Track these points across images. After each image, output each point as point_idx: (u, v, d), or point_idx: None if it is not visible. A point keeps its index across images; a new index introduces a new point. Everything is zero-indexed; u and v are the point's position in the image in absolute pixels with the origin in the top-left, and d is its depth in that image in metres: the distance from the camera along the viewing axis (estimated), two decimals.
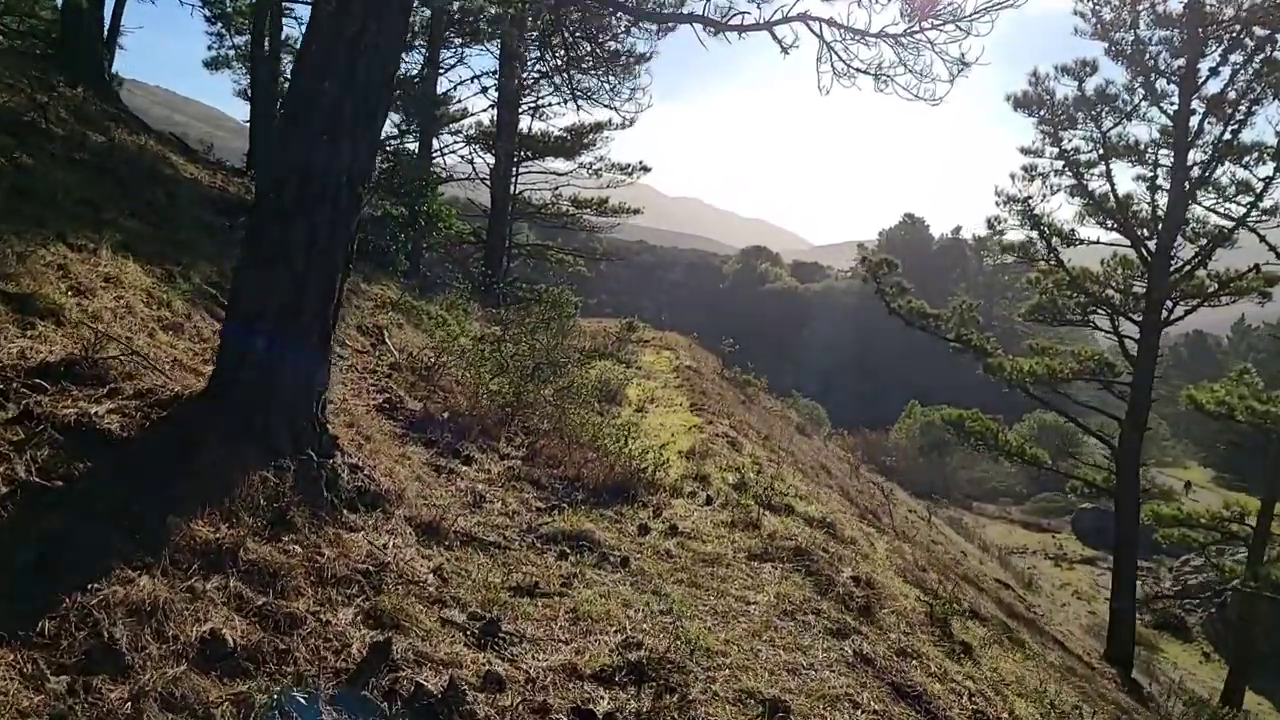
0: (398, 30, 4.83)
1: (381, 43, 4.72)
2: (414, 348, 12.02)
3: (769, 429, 16.62)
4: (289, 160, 4.65)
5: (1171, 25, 15.73)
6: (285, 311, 4.78)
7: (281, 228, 4.68)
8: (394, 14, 4.73)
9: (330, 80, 4.60)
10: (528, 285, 27.17)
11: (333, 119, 4.62)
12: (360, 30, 4.60)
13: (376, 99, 4.78)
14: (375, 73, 4.72)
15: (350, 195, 4.78)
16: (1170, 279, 16.10)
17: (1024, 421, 48.74)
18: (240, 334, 4.82)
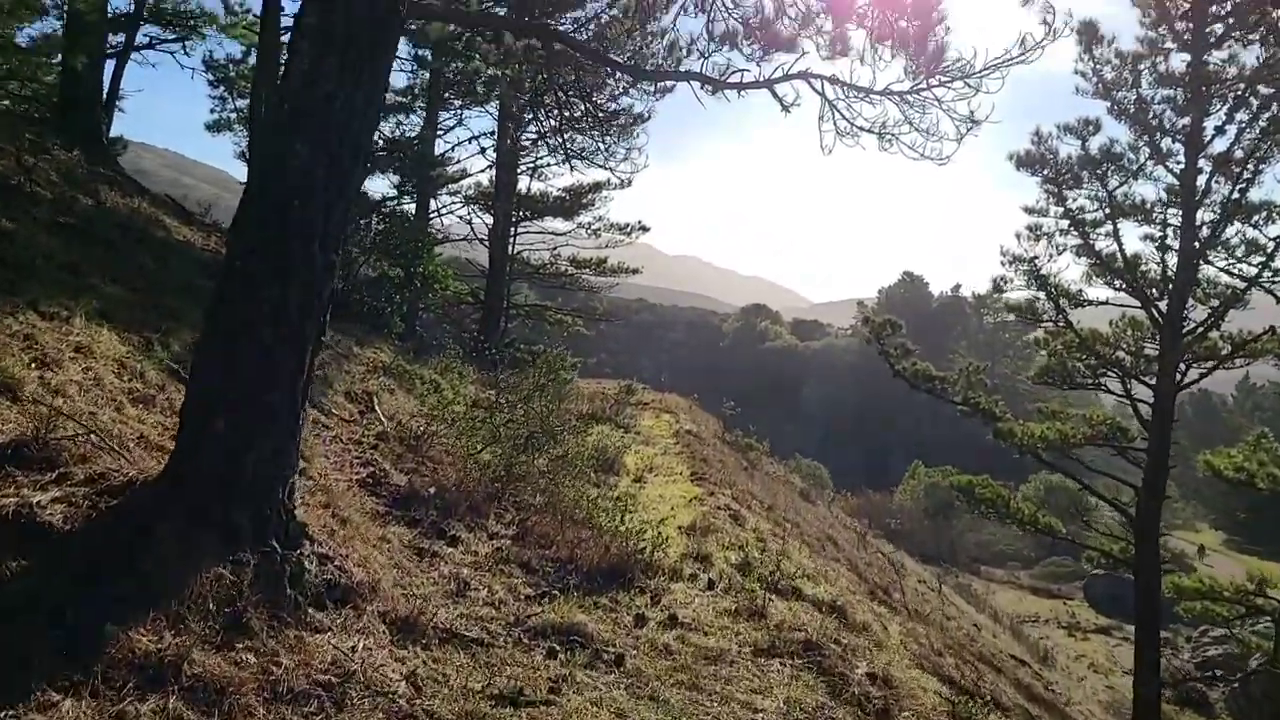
0: (376, 89, 4.50)
1: (358, 101, 4.39)
2: (404, 415, 11.60)
3: (772, 497, 16.10)
4: (257, 225, 4.29)
5: (1174, 84, 15.60)
6: (250, 388, 4.38)
7: (248, 297, 4.30)
8: (372, 72, 4.41)
9: (302, 141, 4.26)
10: (525, 346, 26.85)
11: (304, 183, 4.28)
12: (335, 88, 4.28)
13: (352, 161, 4.44)
14: (351, 134, 4.38)
15: (323, 263, 4.41)
16: (1183, 341, 15.72)
17: (1030, 483, 48.07)
18: (200, 412, 4.41)
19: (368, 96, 4.43)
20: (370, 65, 4.39)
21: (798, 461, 45.40)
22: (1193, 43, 15.27)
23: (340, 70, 4.27)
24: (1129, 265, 16.17)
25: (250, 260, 4.29)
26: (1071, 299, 16.84)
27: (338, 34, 4.28)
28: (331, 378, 11.39)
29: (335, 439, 9.07)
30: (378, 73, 4.46)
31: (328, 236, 4.41)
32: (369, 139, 4.56)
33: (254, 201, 4.32)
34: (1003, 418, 17.53)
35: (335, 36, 4.28)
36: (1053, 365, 17.42)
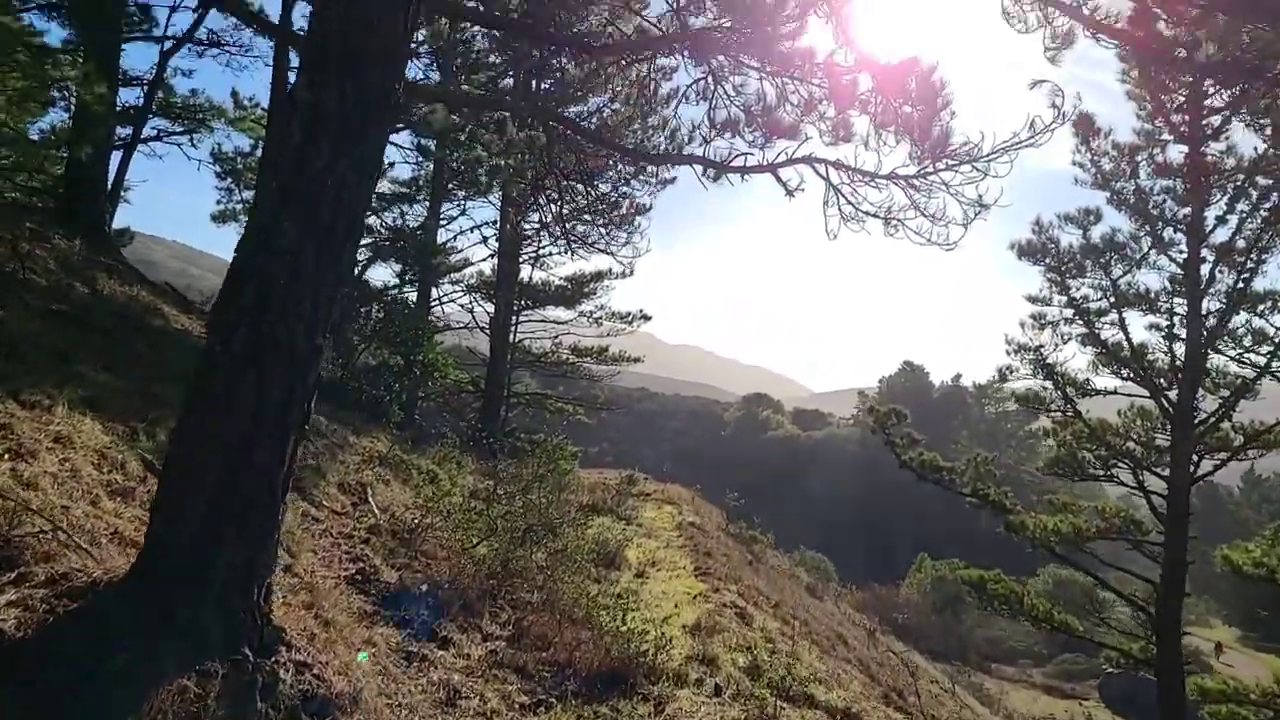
0: (370, 169, 4.34)
1: (351, 181, 4.22)
2: (399, 507, 11.24)
3: (779, 593, 15.56)
4: (239, 306, 4.06)
5: (1173, 175, 15.67)
6: (226, 480, 4.08)
7: (227, 382, 4.04)
8: (366, 152, 4.25)
9: (291, 219, 4.07)
10: (526, 435, 26.54)
11: (291, 262, 4.07)
12: (328, 166, 4.11)
13: (343, 242, 4.24)
14: (342, 214, 4.20)
15: (309, 347, 4.17)
16: (1195, 432, 15.41)
17: (1039, 577, 47.00)
18: (170, 507, 4.11)
19: (361, 176, 4.27)
20: (364, 145, 4.23)
21: (802, 554, 44.50)
22: (1190, 135, 15.38)
23: (333, 148, 4.11)
24: (1136, 354, 15.97)
25: (231, 342, 4.04)
26: (1079, 388, 16.60)
27: (331, 111, 4.14)
28: (324, 468, 11.07)
29: (325, 532, 8.72)
30: (372, 153, 4.31)
31: (315, 319, 4.18)
32: (361, 220, 4.38)
33: (237, 280, 4.10)
34: (1013, 510, 17.09)
35: (328, 114, 4.13)
36: (1062, 456, 17.05)
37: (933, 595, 52.60)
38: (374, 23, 4.18)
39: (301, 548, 7.72)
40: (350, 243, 4.32)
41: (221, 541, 4.04)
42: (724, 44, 7.67)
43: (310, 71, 4.16)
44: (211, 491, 4.02)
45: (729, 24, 7.30)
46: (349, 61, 4.13)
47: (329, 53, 4.14)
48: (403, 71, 4.38)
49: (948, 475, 17.76)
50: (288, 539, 7.57)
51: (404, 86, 4.75)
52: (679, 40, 7.52)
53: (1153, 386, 15.83)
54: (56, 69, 12.57)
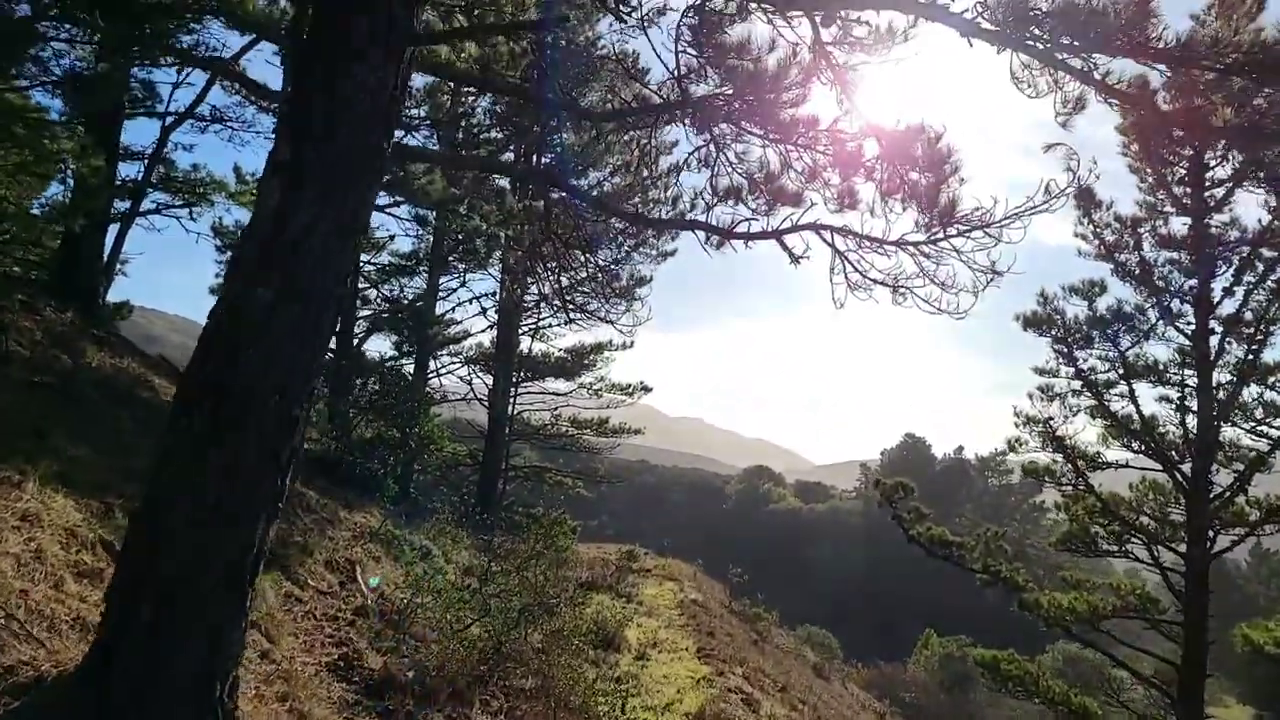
0: (353, 230, 4.11)
1: (332, 244, 3.98)
2: (389, 585, 10.81)
3: (786, 675, 14.96)
4: (207, 374, 3.78)
5: (1177, 247, 15.54)
6: (187, 565, 3.74)
7: (192, 457, 3.74)
8: (348, 214, 4.03)
9: (267, 284, 3.82)
10: (524, 509, 26.05)
11: (265, 328, 3.81)
12: (308, 227, 3.88)
13: (322, 307, 3.98)
14: (322, 278, 3.95)
15: (284, 417, 3.88)
16: (1211, 506, 14.98)
17: (1048, 653, 45.85)
18: (125, 595, 3.76)
19: (343, 239, 4.03)
20: (346, 206, 4.01)
21: (807, 630, 43.47)
22: (1192, 206, 15.30)
23: (313, 209, 3.88)
24: (1147, 427, 15.63)
25: (197, 413, 3.75)
26: (1089, 461, 16.20)
27: (312, 172, 3.93)
28: (312, 545, 10.67)
29: (308, 614, 8.30)
30: (355, 215, 4.08)
31: (291, 388, 3.90)
32: (342, 285, 4.13)
33: (208, 345, 3.83)
34: (1026, 588, 16.55)
35: (309, 174, 3.92)
36: (1075, 531, 16.57)
37: (941, 673, 51.31)
38: (360, 80, 3.99)
39: (282, 631, 7.31)
40: (331, 308, 4.06)
41: (180, 633, 3.68)
42: (726, 112, 7.55)
43: (291, 129, 3.95)
44: (170, 577, 3.69)
45: (730, 91, 7.18)
46: (333, 120, 3.93)
47: (312, 111, 3.94)
48: (391, 132, 4.19)
49: (957, 551, 17.26)
50: (267, 622, 7.17)
51: (393, 149, 4.55)
52: (680, 107, 7.40)
53: (1165, 459, 15.44)
54: (54, 142, 12.49)
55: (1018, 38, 5.47)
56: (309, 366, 3.97)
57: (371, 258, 23.75)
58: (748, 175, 7.90)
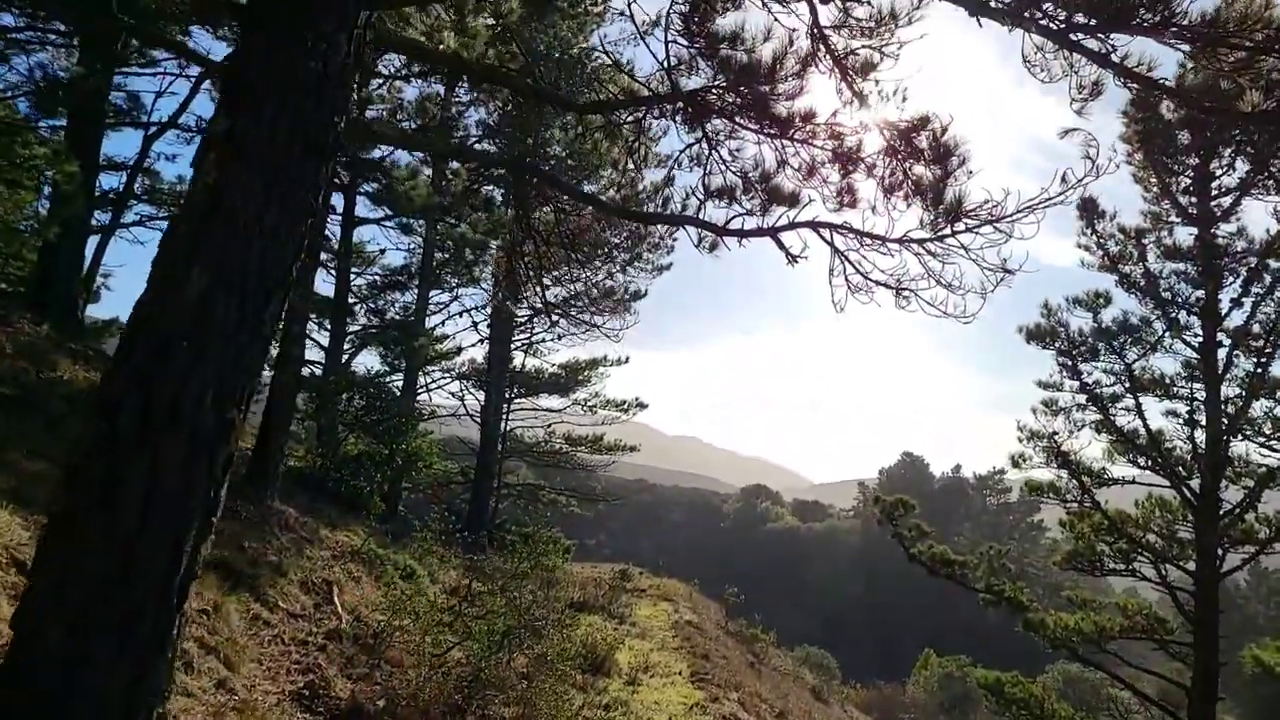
0: (301, 212, 3.68)
1: (278, 229, 3.56)
2: (367, 607, 10.33)
3: (784, 700, 14.44)
4: (132, 369, 3.35)
5: (1183, 258, 15.15)
6: (102, 587, 3.29)
7: (109, 465, 3.30)
8: (297, 191, 3.61)
9: (199, 268, 3.40)
10: (517, 528, 25.53)
11: (199, 318, 3.38)
12: (249, 207, 3.46)
13: (264, 298, 3.56)
14: (265, 263, 3.53)
15: (218, 421, 3.45)
16: (1220, 524, 14.51)
17: (1048, 674, 45.24)
18: (31, 621, 3.31)
19: (288, 223, 3.61)
20: (292, 186, 3.59)
21: (805, 651, 42.87)
22: (1198, 216, 14.94)
23: (254, 187, 3.47)
24: (1154, 442, 15.18)
25: (121, 414, 3.32)
26: (1094, 477, 15.74)
27: (252, 146, 3.51)
28: (287, 565, 10.20)
29: (276, 638, 7.82)
30: (301, 196, 3.66)
31: (228, 387, 3.47)
32: (287, 274, 3.70)
33: (134, 337, 3.39)
34: (1031, 607, 16.05)
35: (249, 148, 3.51)
36: (1081, 549, 16.07)
37: (940, 694, 50.70)
38: (308, 45, 3.58)
39: (244, 657, 6.84)
40: (276, 299, 3.63)
41: (91, 664, 3.23)
42: (719, 106, 7.17)
43: (230, 97, 3.55)
44: (82, 602, 3.24)
45: (723, 83, 6.80)
46: (278, 87, 3.53)
47: (253, 78, 3.53)
48: (345, 105, 3.79)
49: (959, 570, 16.76)
50: (227, 647, 6.71)
51: (359, 126, 4.15)
52: (670, 101, 7.01)
53: (1173, 475, 14.98)
54: (27, 148, 12.08)
55: (1030, 16, 5.08)
56: (249, 363, 3.54)
57: (361, 272, 23.36)
58: (742, 173, 7.50)
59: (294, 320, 12.61)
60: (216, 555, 8.92)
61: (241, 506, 11.31)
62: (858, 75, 5.97)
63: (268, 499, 12.16)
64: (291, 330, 12.58)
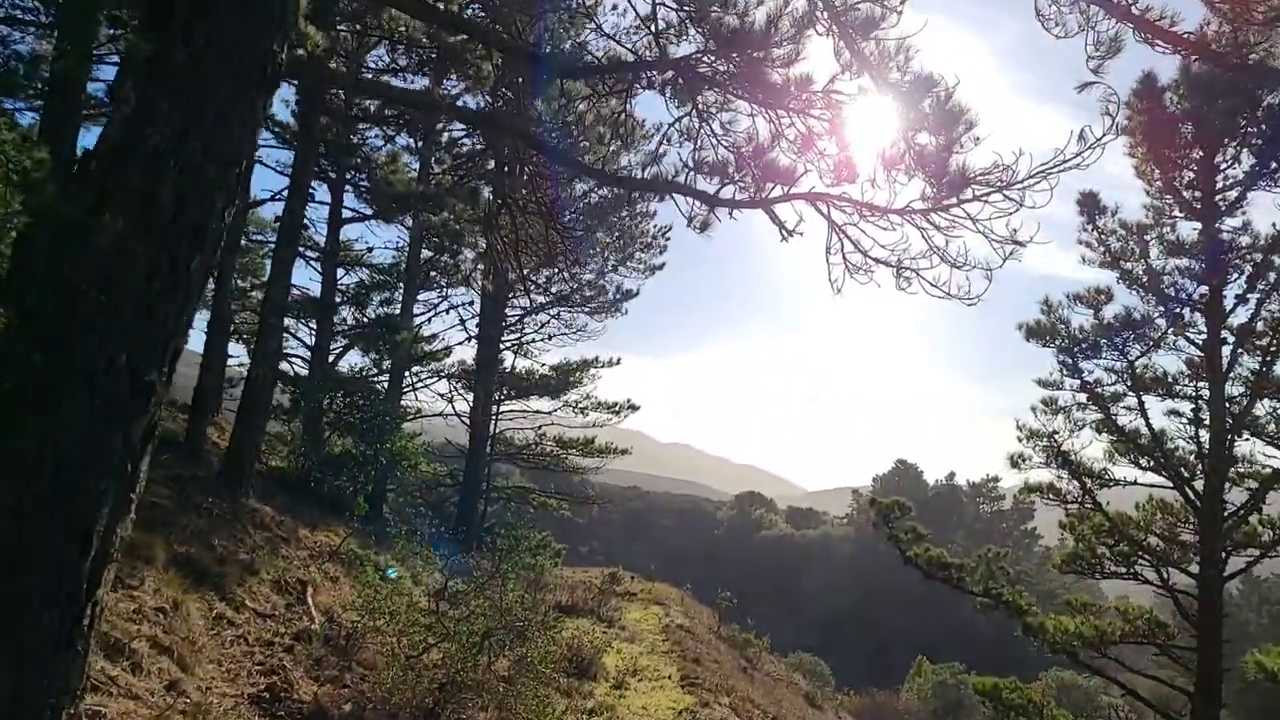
0: (234, 150, 3.27)
1: (206, 166, 3.16)
2: (342, 608, 9.89)
3: (777, 706, 14.01)
4: (28, 324, 2.94)
5: (1186, 253, 14.78)
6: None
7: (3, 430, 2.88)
8: (226, 125, 3.20)
9: (116, 211, 2.99)
10: (506, 531, 25.06)
11: (112, 267, 2.97)
12: (172, 143, 3.06)
13: (189, 248, 3.15)
14: (190, 208, 3.12)
15: (132, 385, 3.03)
16: (1224, 526, 14.12)
17: (1041, 680, 44.95)
18: None
19: (215, 163, 3.20)
20: (222, 122, 3.19)
21: (799, 657, 42.48)
22: (1203, 211, 14.57)
23: (177, 119, 3.06)
24: (1157, 442, 14.79)
25: (19, 380, 2.90)
26: (1095, 478, 15.34)
27: (182, 74, 3.10)
28: (260, 564, 9.76)
29: (239, 639, 7.39)
30: (233, 134, 3.25)
31: (145, 348, 3.06)
32: (217, 221, 3.28)
33: (34, 291, 2.98)
34: (1030, 611, 15.63)
35: (178, 77, 3.10)
36: (1080, 551, 15.67)
37: (934, 701, 50.41)
38: None
39: (200, 657, 6.41)
40: (202, 252, 3.22)
41: None
42: (710, 75, 6.79)
43: (155, 13, 3.14)
44: None
45: (714, 47, 6.41)
46: (206, 7, 3.12)
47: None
48: (286, 34, 3.39)
49: (956, 573, 16.33)
50: (183, 647, 6.28)
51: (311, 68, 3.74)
52: (659, 69, 6.62)
53: (1176, 477, 14.59)
54: None
55: None
56: (170, 322, 3.12)
57: (350, 270, 22.92)
58: (734, 148, 7.12)
59: (271, 312, 12.18)
60: (181, 552, 8.50)
61: (214, 504, 10.88)
62: (858, 34, 5.59)
63: (242, 496, 11.73)
64: (268, 322, 12.15)
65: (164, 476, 11.02)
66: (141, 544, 7.89)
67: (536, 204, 6.73)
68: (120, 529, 3.16)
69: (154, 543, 8.07)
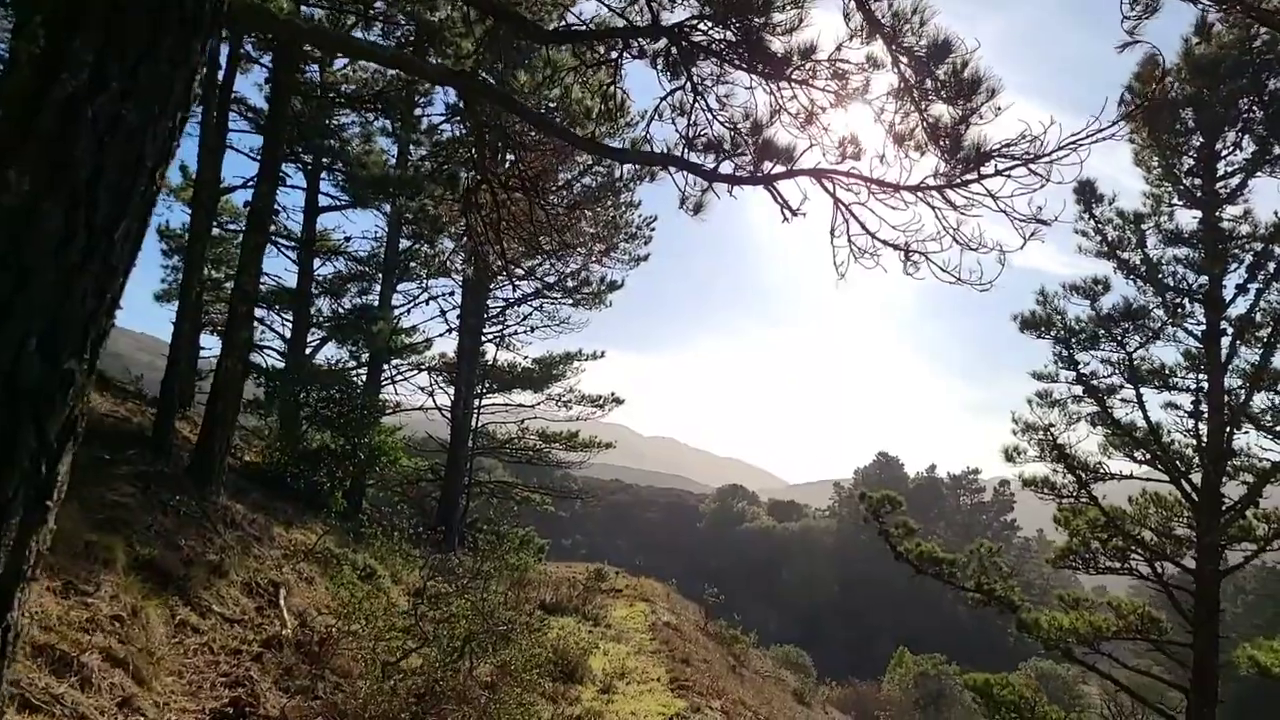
0: (163, 101, 2.80)
1: (137, 117, 2.69)
2: (319, 611, 9.42)
3: (768, 706, 13.66)
4: None
5: (1182, 243, 14.51)
6: None
7: None
8: (154, 72, 2.73)
9: (19, 169, 2.52)
10: (489, 526, 24.61)
11: (19, 238, 2.50)
12: (88, 90, 2.59)
13: (114, 211, 2.68)
14: (114, 164, 2.65)
15: (48, 375, 2.57)
16: (1222, 520, 13.87)
17: (1020, 670, 45.10)
18: None
19: (146, 115, 2.73)
20: (149, 68, 2.72)
21: (783, 650, 42.37)
22: (1203, 199, 14.28)
23: (94, 63, 2.59)
24: (1153, 435, 14.51)
25: None
26: (1090, 471, 15.07)
27: (98, 7, 2.63)
28: (229, 565, 9.25)
29: (204, 647, 6.90)
30: (162, 82, 2.78)
31: (62, 329, 2.59)
32: (147, 181, 2.81)
33: None
34: (1022, 606, 15.37)
35: (90, 13, 2.63)
36: (1075, 546, 15.40)
37: (915, 691, 50.57)
38: None
39: (160, 669, 5.94)
40: (126, 214, 2.75)
41: None
42: (706, 44, 6.35)
43: None
44: None
45: (710, 12, 5.97)
46: None
47: None
48: None
49: (948, 568, 16.05)
50: (140, 659, 5.80)
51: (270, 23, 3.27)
52: (650, 35, 6.18)
53: (1173, 470, 14.33)
54: None
55: None
56: (89, 299, 2.66)
57: (326, 259, 22.35)
58: (731, 124, 6.68)
59: (240, 300, 11.65)
60: (143, 554, 8.00)
61: (181, 501, 10.36)
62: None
63: (211, 494, 11.20)
64: (238, 311, 11.62)
65: (128, 474, 10.50)
66: (99, 546, 7.40)
67: (519, 179, 6.27)
68: (36, 541, 2.69)
69: (113, 545, 7.57)
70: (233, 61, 13.92)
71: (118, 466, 10.65)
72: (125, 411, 14.35)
